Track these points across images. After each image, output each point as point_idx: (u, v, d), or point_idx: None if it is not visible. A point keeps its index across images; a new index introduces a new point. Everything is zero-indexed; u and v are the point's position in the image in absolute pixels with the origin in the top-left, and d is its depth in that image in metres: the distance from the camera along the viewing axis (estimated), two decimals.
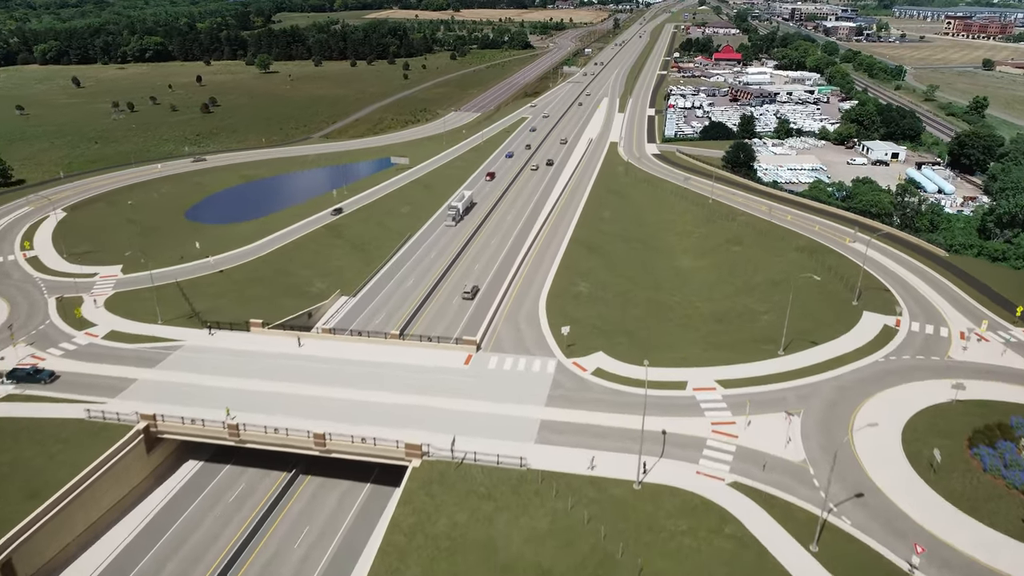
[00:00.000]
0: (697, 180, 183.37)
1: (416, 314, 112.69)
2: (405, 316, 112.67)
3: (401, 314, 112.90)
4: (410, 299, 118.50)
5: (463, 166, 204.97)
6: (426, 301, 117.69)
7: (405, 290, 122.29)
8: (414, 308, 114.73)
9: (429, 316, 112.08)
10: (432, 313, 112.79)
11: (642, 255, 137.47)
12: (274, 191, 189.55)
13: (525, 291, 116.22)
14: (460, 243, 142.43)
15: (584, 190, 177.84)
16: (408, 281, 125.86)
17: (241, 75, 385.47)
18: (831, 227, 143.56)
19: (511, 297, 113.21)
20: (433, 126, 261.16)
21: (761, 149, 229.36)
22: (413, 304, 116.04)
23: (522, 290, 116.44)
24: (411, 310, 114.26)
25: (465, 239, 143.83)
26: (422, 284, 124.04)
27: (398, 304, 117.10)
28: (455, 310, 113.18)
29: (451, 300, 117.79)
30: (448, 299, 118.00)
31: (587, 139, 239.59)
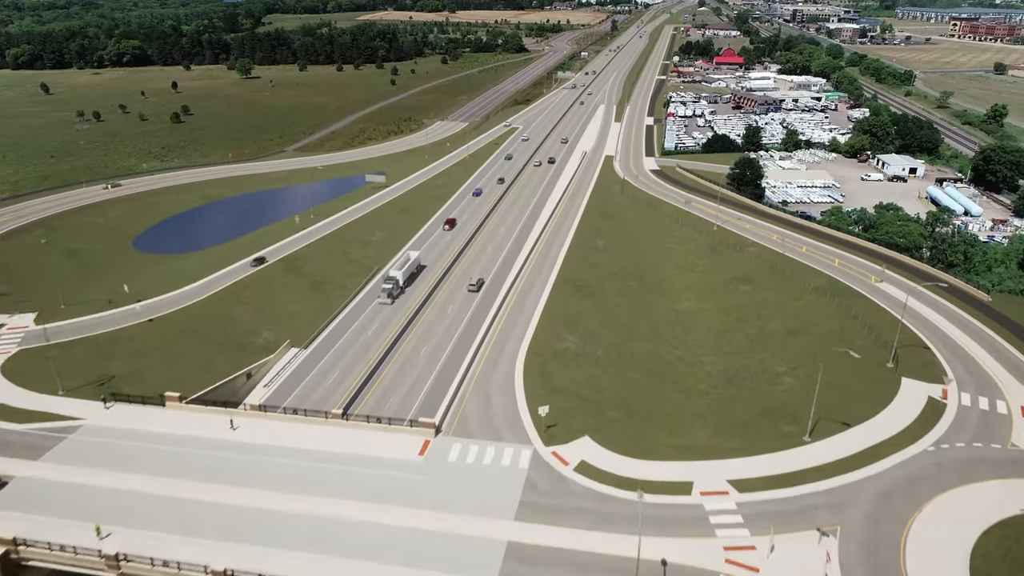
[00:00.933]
0: (700, 202, 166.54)
1: (375, 371, 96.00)
2: (362, 374, 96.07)
3: (358, 372, 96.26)
4: (370, 351, 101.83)
5: (446, 184, 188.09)
6: (388, 355, 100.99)
7: (366, 340, 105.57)
8: (373, 364, 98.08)
9: (390, 374, 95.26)
10: (393, 370, 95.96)
11: (638, 296, 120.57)
12: (236, 214, 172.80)
13: (501, 346, 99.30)
14: (431, 283, 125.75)
15: (575, 213, 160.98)
16: (369, 328, 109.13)
17: (221, 81, 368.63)
18: (852, 262, 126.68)
19: (483, 356, 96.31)
20: (417, 137, 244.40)
21: (768, 163, 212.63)
22: (373, 358, 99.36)
23: (497, 345, 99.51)
24: (368, 367, 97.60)
25: (437, 278, 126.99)
26: (385, 333, 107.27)
27: (356, 358, 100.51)
28: (421, 367, 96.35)
29: (417, 352, 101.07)
30: (413, 352, 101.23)
31: (580, 152, 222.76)
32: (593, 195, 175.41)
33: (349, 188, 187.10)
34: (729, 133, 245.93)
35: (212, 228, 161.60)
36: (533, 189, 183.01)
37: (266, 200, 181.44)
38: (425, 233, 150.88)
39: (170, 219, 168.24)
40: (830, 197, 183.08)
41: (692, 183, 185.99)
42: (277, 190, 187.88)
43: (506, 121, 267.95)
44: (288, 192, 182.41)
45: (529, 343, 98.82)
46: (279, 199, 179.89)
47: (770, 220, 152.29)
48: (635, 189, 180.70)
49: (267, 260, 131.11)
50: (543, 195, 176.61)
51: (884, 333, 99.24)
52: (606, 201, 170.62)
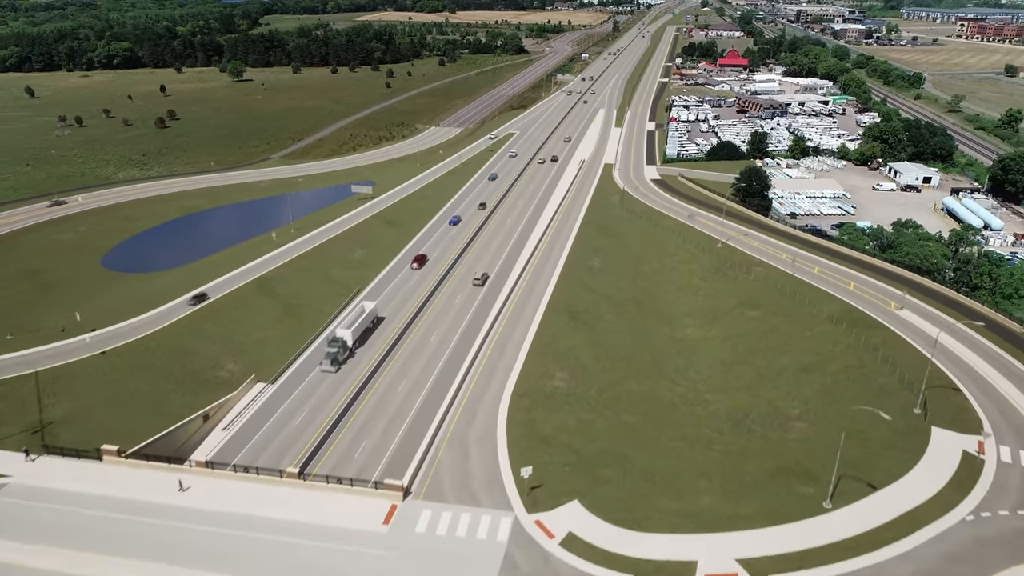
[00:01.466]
0: (703, 215, 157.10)
1: (346, 412, 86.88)
2: (331, 415, 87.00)
3: (327, 412, 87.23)
4: (342, 388, 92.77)
5: (436, 195, 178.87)
6: (362, 392, 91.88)
7: (338, 374, 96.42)
8: (344, 403, 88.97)
9: (362, 416, 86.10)
10: (367, 411, 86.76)
11: (637, 322, 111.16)
12: (214, 227, 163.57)
13: (484, 387, 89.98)
14: (416, 303, 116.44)
15: (571, 228, 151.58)
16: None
17: (212, 84, 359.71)
18: (869, 285, 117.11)
19: (463, 399, 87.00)
20: (408, 144, 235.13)
21: (775, 172, 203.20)
22: (344, 396, 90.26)
23: (480, 386, 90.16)
24: (339, 407, 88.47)
25: (421, 301, 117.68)
26: (360, 367, 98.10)
27: (327, 395, 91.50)
28: (396, 407, 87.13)
29: (393, 389, 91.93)
30: (390, 389, 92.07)
31: (579, 160, 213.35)
32: (591, 208, 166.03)
33: (334, 199, 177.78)
34: (733, 139, 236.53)
35: (187, 243, 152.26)
36: (527, 202, 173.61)
37: (247, 212, 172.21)
38: (410, 251, 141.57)
39: (144, 233, 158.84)
40: (841, 209, 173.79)
41: (695, 194, 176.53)
42: (259, 201, 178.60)
43: (491, 132, 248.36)
44: (270, 203, 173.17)
45: (515, 383, 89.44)
46: (260, 211, 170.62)
47: (779, 236, 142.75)
48: (635, 201, 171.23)
49: (208, 297, 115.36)
50: (537, 209, 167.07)
51: (908, 370, 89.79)
52: (604, 214, 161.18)
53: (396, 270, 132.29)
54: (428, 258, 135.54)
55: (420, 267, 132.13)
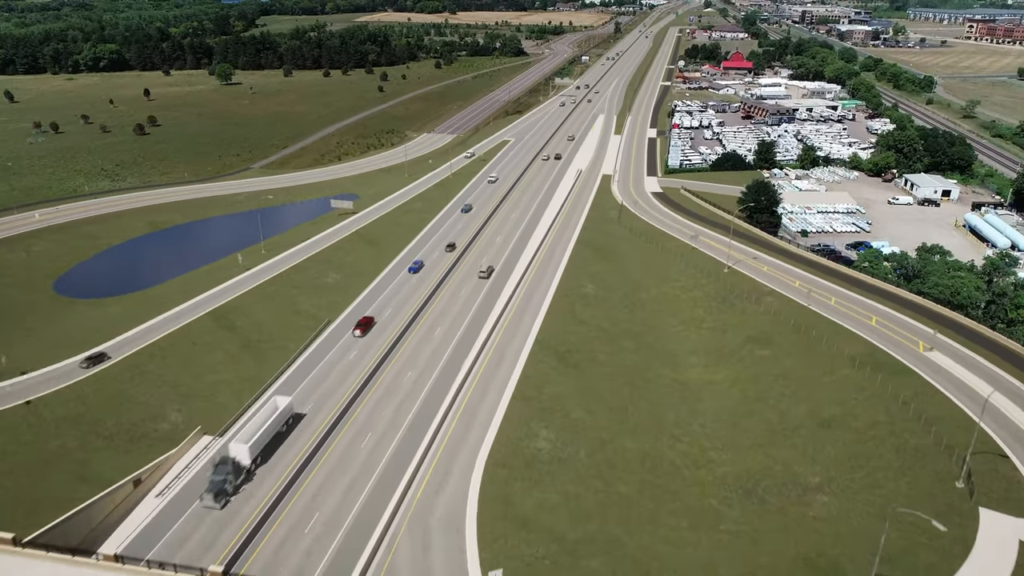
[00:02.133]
0: (708, 235, 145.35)
1: (300, 474, 75.48)
2: (284, 477, 75.70)
3: (279, 474, 75.92)
4: (298, 444, 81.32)
5: (422, 210, 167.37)
6: (320, 449, 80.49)
7: (294, 436, 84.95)
8: (299, 463, 77.56)
9: (316, 480, 74.61)
10: (321, 475, 75.24)
11: (635, 363, 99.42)
12: (182, 246, 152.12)
13: (454, 452, 78.33)
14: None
15: (564, 249, 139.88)
16: (303, 408, 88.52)
17: (200, 87, 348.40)
18: (893, 320, 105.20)
19: (429, 469, 75.27)
20: (397, 153, 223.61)
21: (783, 184, 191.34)
22: (299, 455, 78.82)
23: (450, 451, 78.46)
24: (292, 468, 77.08)
25: (387, 347, 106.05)
26: (321, 414, 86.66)
27: (280, 452, 79.97)
28: (353, 475, 75.56)
29: (356, 446, 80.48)
30: (351, 447, 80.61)
31: (575, 171, 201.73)
32: (587, 225, 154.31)
33: (312, 215, 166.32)
34: (739, 148, 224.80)
35: (150, 264, 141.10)
36: (518, 218, 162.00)
37: (218, 229, 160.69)
38: (390, 274, 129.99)
39: (104, 253, 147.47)
40: (855, 225, 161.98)
41: (699, 210, 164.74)
42: (232, 216, 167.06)
43: (469, 150, 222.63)
44: (244, 219, 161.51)
45: (492, 445, 77.72)
46: (232, 228, 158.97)
47: (790, 260, 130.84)
48: (634, 218, 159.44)
49: (108, 357, 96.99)
50: (528, 227, 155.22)
51: (945, 428, 78.04)
52: (601, 233, 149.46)
53: (372, 297, 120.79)
54: (375, 321, 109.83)
55: (364, 334, 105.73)
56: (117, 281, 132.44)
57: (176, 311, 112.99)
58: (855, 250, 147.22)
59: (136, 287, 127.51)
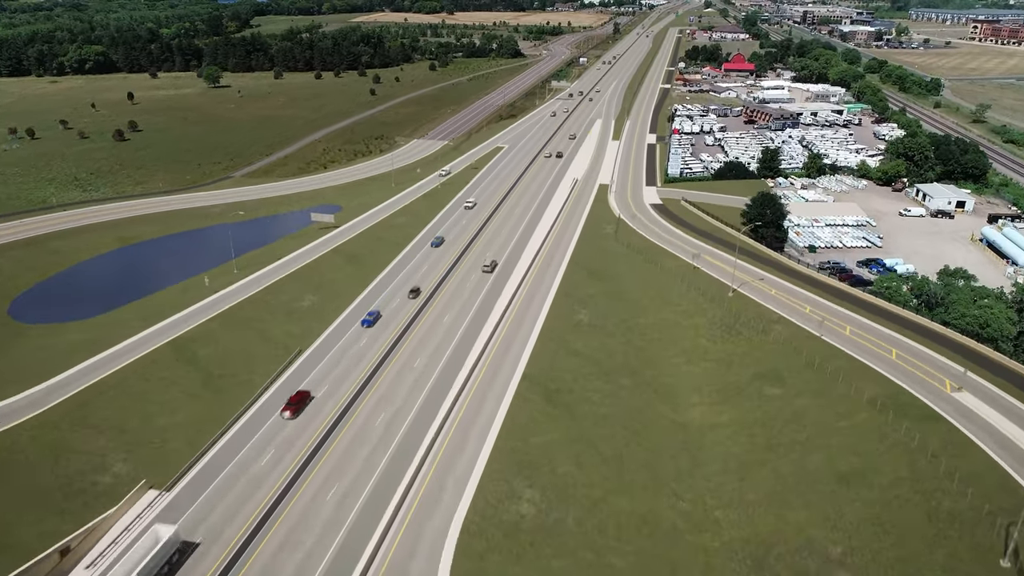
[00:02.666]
0: (711, 252, 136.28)
1: (254, 537, 66.51)
2: (233, 544, 66.72)
3: (229, 537, 66.95)
4: (256, 497, 72.45)
5: (407, 224, 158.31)
6: (280, 502, 71.58)
7: (255, 476, 76.06)
8: (250, 526, 68.58)
9: (273, 543, 65.59)
10: (280, 536, 66.20)
11: (632, 403, 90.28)
12: (148, 264, 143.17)
13: (427, 515, 69.11)
14: (366, 371, 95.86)
15: (556, 271, 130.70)
16: (264, 456, 79.54)
17: (186, 90, 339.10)
18: (916, 354, 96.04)
19: (401, 531, 66.16)
20: (386, 160, 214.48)
21: (788, 194, 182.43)
22: (252, 516, 69.83)
23: (419, 520, 69.10)
24: (243, 532, 68.11)
25: (369, 371, 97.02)
26: (282, 465, 77.64)
27: (234, 509, 71.28)
28: (328, 517, 66.59)
29: (322, 496, 71.51)
30: (319, 495, 71.66)
31: (571, 180, 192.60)
32: (581, 242, 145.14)
33: (292, 228, 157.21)
34: (741, 155, 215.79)
35: (116, 285, 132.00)
36: (510, 231, 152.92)
37: (190, 244, 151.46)
38: (368, 297, 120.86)
39: (67, 271, 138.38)
40: (866, 240, 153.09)
41: (700, 224, 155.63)
42: (207, 230, 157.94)
43: (443, 168, 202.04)
44: (219, 233, 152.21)
45: (467, 510, 68.53)
46: (206, 243, 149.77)
47: (800, 282, 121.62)
48: (632, 233, 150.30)
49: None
50: (516, 248, 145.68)
51: (982, 489, 68.93)
52: (596, 251, 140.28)
53: (348, 322, 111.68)
54: (312, 396, 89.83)
55: (295, 415, 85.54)
56: (77, 303, 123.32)
57: (134, 340, 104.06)
58: (867, 268, 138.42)
59: (97, 310, 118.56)
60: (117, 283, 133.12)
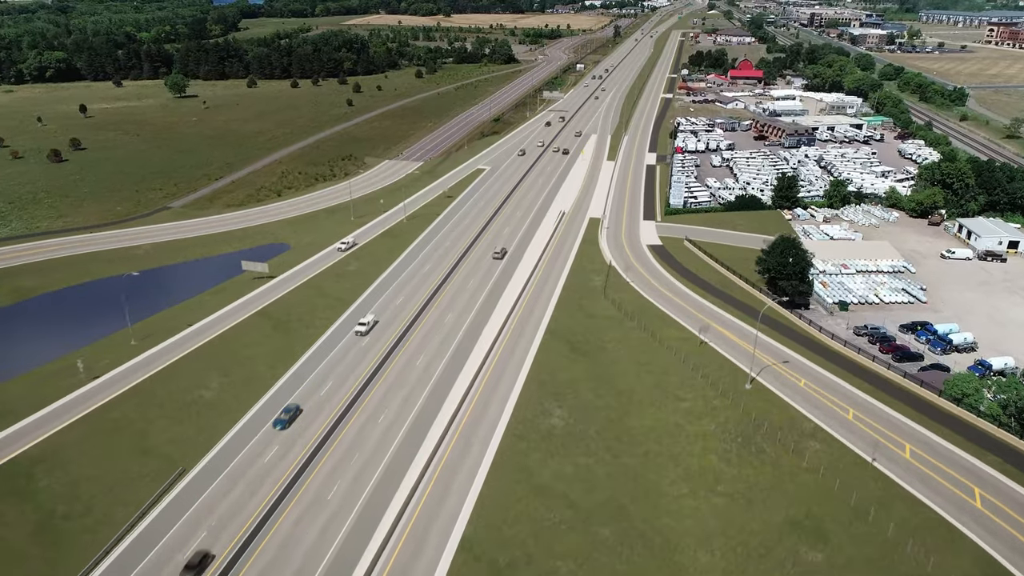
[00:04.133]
0: (722, 320, 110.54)
1: None
2: None
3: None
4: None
5: (356, 273, 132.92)
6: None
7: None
8: None
9: None
10: None
11: (616, 564, 64.44)
12: (33, 329, 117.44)
13: None
14: (267, 501, 70.10)
15: (529, 344, 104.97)
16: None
17: (148, 101, 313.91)
18: (1011, 498, 69.90)
19: None
20: (349, 186, 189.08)
21: (810, 230, 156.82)
22: None
23: None
24: None
25: (271, 501, 71.28)
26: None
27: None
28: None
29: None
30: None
31: (556, 213, 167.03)
32: (563, 302, 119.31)
33: (220, 277, 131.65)
34: (753, 179, 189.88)
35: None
36: (468, 301, 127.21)
37: (93, 301, 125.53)
38: (291, 381, 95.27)
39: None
40: (906, 292, 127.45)
41: (707, 273, 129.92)
42: (119, 280, 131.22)
43: (404, 203, 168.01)
44: (131, 285, 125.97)
45: None
46: (106, 300, 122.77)
47: (836, 366, 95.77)
48: (625, 288, 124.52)
49: None
50: (479, 318, 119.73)
51: None
52: (580, 315, 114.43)
53: (258, 422, 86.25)
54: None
55: None
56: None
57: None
58: (913, 334, 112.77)
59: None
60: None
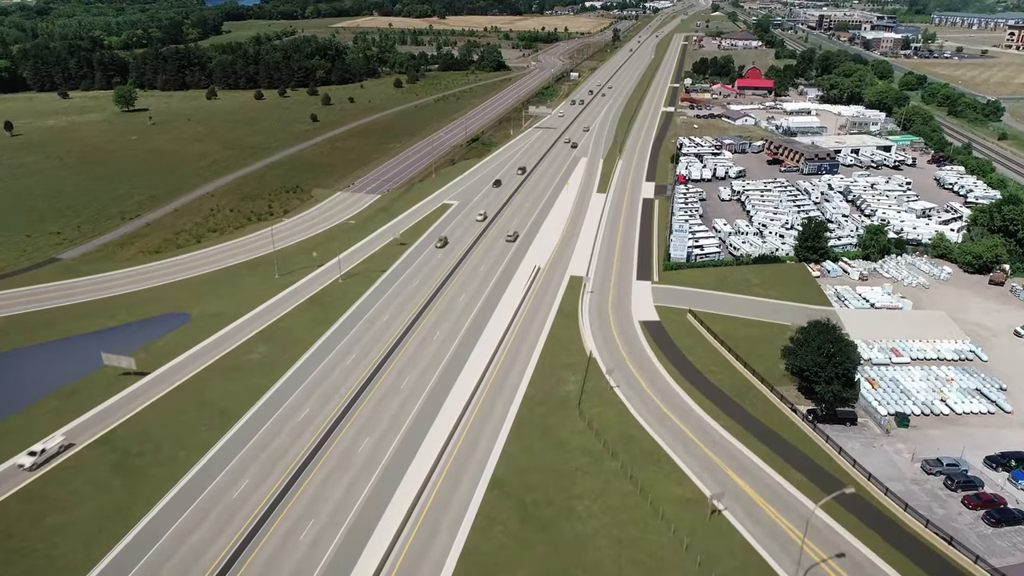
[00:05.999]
0: (743, 465, 78.56)
1: None
2: None
3: None
4: None
5: (262, 362, 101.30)
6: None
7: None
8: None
9: None
10: None
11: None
12: None
13: None
14: None
15: (465, 506, 73.05)
16: None
17: (92, 115, 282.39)
18: None
19: None
20: (288, 227, 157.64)
21: (845, 293, 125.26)
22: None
23: None
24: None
25: None
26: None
27: None
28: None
29: None
30: None
31: (530, 267, 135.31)
32: (521, 419, 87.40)
33: (79, 371, 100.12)
34: (770, 219, 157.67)
35: None
36: (395, 417, 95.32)
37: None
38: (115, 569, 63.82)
39: None
40: (983, 397, 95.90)
41: (720, 371, 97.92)
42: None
43: (339, 258, 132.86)
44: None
45: None
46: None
47: (918, 569, 63.69)
48: (608, 400, 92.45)
49: None
50: (405, 448, 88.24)
51: None
52: (543, 443, 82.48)
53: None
54: None
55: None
56: None
57: None
58: (1007, 473, 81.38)
59: None
60: None
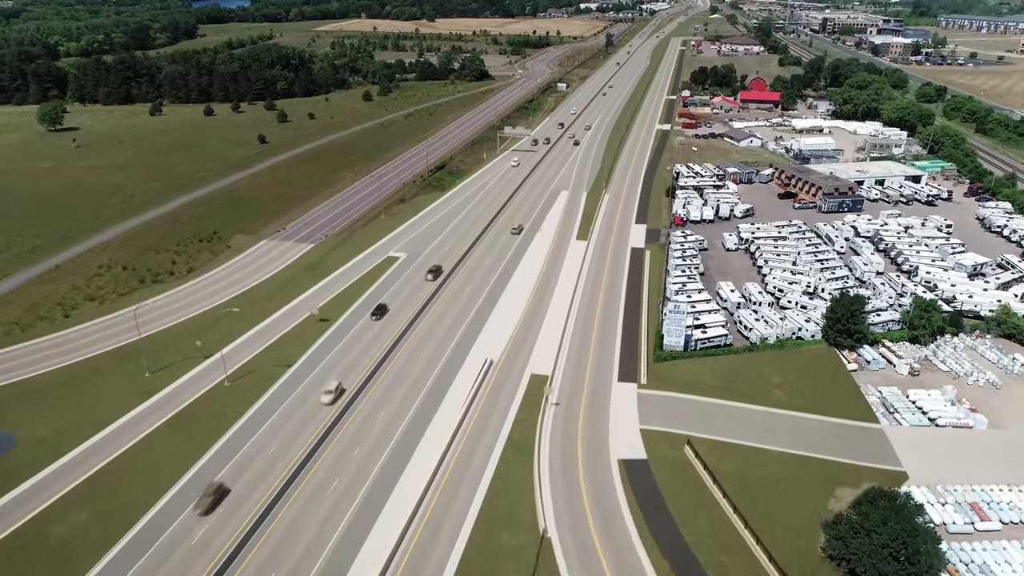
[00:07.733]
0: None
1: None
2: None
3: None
4: None
5: (86, 528, 69.13)
6: None
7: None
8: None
9: None
10: None
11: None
12: None
13: None
14: None
15: None
16: None
17: (11, 135, 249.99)
18: None
19: None
20: (135, 317, 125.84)
21: (893, 400, 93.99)
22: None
23: None
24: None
25: None
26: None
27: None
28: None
29: None
30: None
31: (480, 362, 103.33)
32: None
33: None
34: (788, 282, 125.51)
35: None
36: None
37: None
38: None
39: None
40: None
41: (727, 553, 66.00)
42: None
43: (222, 353, 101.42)
44: None
45: None
46: None
47: None
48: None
49: None
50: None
51: None
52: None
53: None
54: None
55: None
56: None
57: None
58: None
59: None
60: None
